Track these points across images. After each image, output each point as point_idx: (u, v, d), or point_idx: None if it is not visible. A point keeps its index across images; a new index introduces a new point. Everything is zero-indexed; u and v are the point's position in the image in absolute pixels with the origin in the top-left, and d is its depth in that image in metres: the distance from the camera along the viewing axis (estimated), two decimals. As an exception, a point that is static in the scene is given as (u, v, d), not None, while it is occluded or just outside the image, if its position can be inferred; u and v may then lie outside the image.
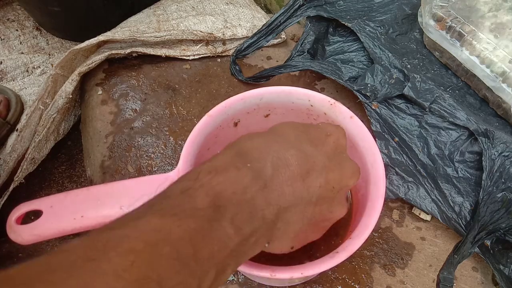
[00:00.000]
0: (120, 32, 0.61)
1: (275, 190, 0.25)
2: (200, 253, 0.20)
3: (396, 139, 0.50)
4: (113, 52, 0.60)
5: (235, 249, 0.22)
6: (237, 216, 0.23)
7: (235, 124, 0.40)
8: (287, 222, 0.26)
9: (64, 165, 0.78)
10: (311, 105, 0.39)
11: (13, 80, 0.75)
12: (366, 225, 0.32)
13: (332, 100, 0.38)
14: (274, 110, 0.41)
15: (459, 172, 0.47)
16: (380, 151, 0.49)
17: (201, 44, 0.64)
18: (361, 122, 0.37)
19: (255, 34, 0.60)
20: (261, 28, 0.60)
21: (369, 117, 0.51)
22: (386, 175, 0.49)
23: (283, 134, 0.28)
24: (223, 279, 0.23)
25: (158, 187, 0.30)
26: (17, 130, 0.67)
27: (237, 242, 0.22)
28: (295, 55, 0.58)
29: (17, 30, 0.80)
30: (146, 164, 0.53)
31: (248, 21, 0.67)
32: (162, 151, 0.54)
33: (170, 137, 0.55)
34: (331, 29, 0.60)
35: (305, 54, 0.58)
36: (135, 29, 0.62)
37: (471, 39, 0.47)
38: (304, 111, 0.40)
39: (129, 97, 0.60)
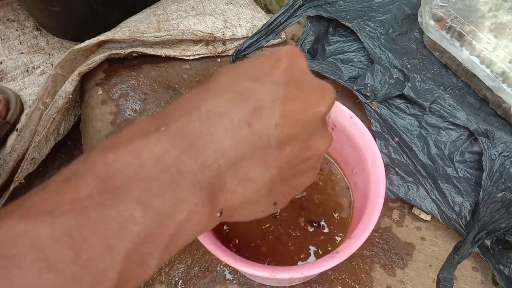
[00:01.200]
0: (120, 32, 0.61)
1: (209, 147, 0.20)
2: (85, 253, 0.17)
3: (396, 139, 0.50)
4: (113, 52, 0.60)
5: (152, 233, 0.18)
6: (148, 193, 0.18)
7: None
8: (244, 180, 0.22)
9: (64, 165, 0.78)
10: None
11: (13, 80, 0.75)
12: (366, 225, 0.32)
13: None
14: None
15: (459, 172, 0.47)
16: (380, 151, 0.49)
17: (201, 44, 0.64)
18: (361, 122, 0.37)
19: (255, 34, 0.60)
20: (261, 28, 0.60)
21: (369, 117, 0.51)
22: (386, 175, 0.49)
23: (216, 80, 0.23)
24: (146, 274, 0.19)
25: None
26: (17, 130, 0.67)
27: (150, 224, 0.18)
28: (295, 55, 0.58)
29: (17, 30, 0.80)
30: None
31: (248, 21, 0.67)
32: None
33: (170, 137, 0.55)
34: (331, 29, 0.60)
35: (305, 54, 0.58)
36: (135, 29, 0.62)
37: (471, 39, 0.47)
38: None
39: (129, 97, 0.60)
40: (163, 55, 0.62)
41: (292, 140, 0.23)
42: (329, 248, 0.37)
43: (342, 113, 0.37)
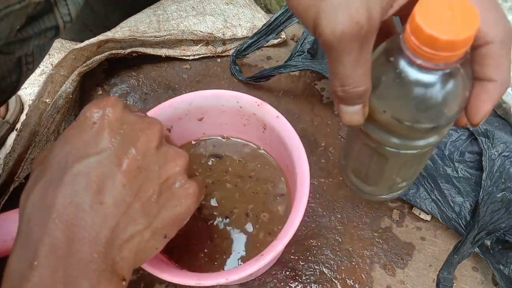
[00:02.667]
0: (120, 32, 0.61)
1: (84, 243, 0.23)
2: None
3: (396, 139, 0.50)
4: (113, 52, 0.60)
5: None
6: None
7: (168, 130, 0.41)
8: (124, 243, 0.24)
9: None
10: (240, 107, 0.40)
11: (13, 80, 0.74)
12: (290, 225, 0.32)
13: (259, 101, 0.39)
14: (207, 114, 0.42)
15: (459, 172, 0.47)
16: (380, 151, 0.49)
17: (201, 44, 0.64)
18: (287, 122, 0.37)
19: (255, 34, 0.60)
20: (261, 28, 0.60)
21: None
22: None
23: (49, 169, 0.25)
24: None
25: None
26: (16, 130, 0.67)
27: None
28: (295, 55, 0.58)
29: (17, 30, 0.80)
30: (146, 164, 0.53)
31: (248, 21, 0.67)
32: (162, 151, 0.54)
33: (170, 137, 0.55)
34: (331, 29, 0.60)
35: (305, 54, 0.58)
36: (135, 29, 0.61)
37: (471, 39, 0.47)
38: (235, 112, 0.41)
39: (129, 97, 0.60)
40: (163, 55, 0.62)
41: (144, 185, 0.25)
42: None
43: (270, 113, 0.38)
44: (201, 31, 0.63)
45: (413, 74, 0.22)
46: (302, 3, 0.22)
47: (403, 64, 0.22)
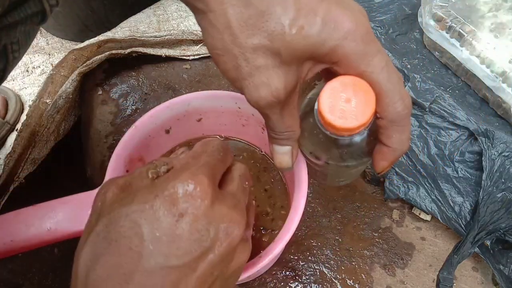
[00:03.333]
0: (120, 32, 0.61)
1: None
2: None
3: (396, 139, 0.50)
4: (113, 52, 0.60)
5: None
6: None
7: (167, 132, 0.41)
8: None
9: (64, 165, 0.78)
10: (239, 107, 0.40)
11: (13, 80, 0.75)
12: (288, 227, 0.32)
13: None
14: (205, 114, 0.42)
15: (459, 172, 0.47)
16: (380, 151, 0.49)
17: (201, 44, 0.64)
18: None
19: (255, 34, 0.60)
20: (261, 28, 0.59)
21: (369, 117, 0.51)
22: (386, 175, 0.49)
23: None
24: None
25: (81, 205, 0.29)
26: (16, 130, 0.67)
27: None
28: (295, 55, 0.58)
29: (17, 30, 0.80)
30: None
31: (248, 21, 0.67)
32: (162, 151, 0.54)
33: (170, 137, 0.55)
34: (331, 29, 0.60)
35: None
36: (135, 29, 0.61)
37: (471, 39, 0.47)
38: (234, 113, 0.41)
39: (129, 97, 0.60)
40: (163, 55, 0.62)
41: (212, 285, 0.23)
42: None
43: None
44: (201, 31, 0.63)
45: (327, 134, 0.27)
46: (229, 75, 0.26)
47: (319, 125, 0.27)
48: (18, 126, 0.67)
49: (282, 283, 0.45)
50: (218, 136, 0.45)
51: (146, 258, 0.21)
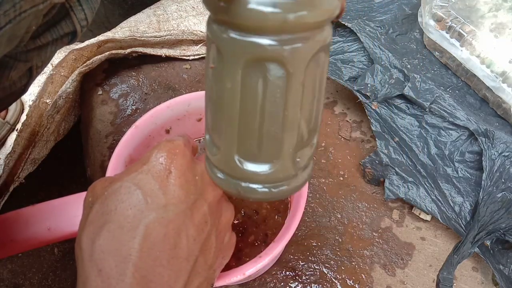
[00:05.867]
0: (120, 32, 0.61)
1: None
2: None
3: (396, 139, 0.50)
4: (113, 52, 0.60)
5: None
6: None
7: (167, 132, 0.41)
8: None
9: (64, 165, 0.78)
10: None
11: (13, 80, 0.74)
12: (288, 228, 0.32)
13: None
14: None
15: (459, 172, 0.47)
16: (380, 151, 0.49)
17: (201, 44, 0.64)
18: None
19: (255, 34, 0.60)
20: (261, 28, 0.59)
21: (369, 117, 0.51)
22: (386, 175, 0.49)
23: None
24: None
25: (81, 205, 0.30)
26: (17, 130, 0.67)
27: None
28: (295, 55, 0.58)
29: (17, 30, 0.80)
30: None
31: (248, 21, 0.67)
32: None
33: (170, 137, 0.55)
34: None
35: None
36: (135, 29, 0.62)
37: (471, 39, 0.47)
38: None
39: (129, 97, 0.60)
40: (163, 55, 0.62)
41: (207, 238, 0.25)
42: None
43: None
44: (201, 31, 0.63)
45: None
46: None
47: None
48: (18, 126, 0.67)
49: (282, 283, 0.45)
50: None
51: (147, 212, 0.22)
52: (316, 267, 0.46)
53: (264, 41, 0.19)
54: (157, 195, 0.23)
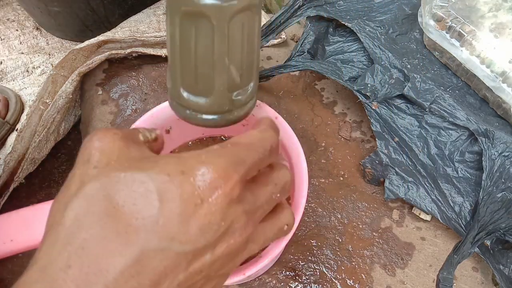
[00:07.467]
0: (120, 32, 0.61)
1: None
2: None
3: (396, 139, 0.50)
4: (113, 52, 0.60)
5: None
6: None
7: (167, 132, 0.40)
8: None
9: (64, 165, 0.78)
10: None
11: (13, 80, 0.74)
12: None
13: (258, 102, 0.38)
14: None
15: (459, 172, 0.47)
16: (380, 151, 0.49)
17: (201, 44, 0.64)
18: (285, 123, 0.37)
19: (255, 34, 0.60)
20: (261, 28, 0.59)
21: (369, 117, 0.51)
22: (386, 175, 0.49)
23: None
24: None
25: None
26: (17, 130, 0.67)
27: None
28: (295, 55, 0.58)
29: (17, 30, 0.80)
30: (146, 164, 0.53)
31: (248, 21, 0.67)
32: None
33: (170, 137, 0.55)
34: (331, 29, 0.60)
35: (305, 54, 0.58)
36: (135, 29, 0.62)
37: (471, 39, 0.47)
38: None
39: (129, 97, 0.60)
40: (163, 55, 0.62)
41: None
42: None
43: (268, 114, 0.38)
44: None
45: None
46: None
47: None
48: (18, 126, 0.67)
49: (282, 283, 0.45)
50: (219, 137, 0.45)
51: (150, 234, 0.19)
52: (316, 267, 0.46)
53: None
54: (172, 218, 0.19)
